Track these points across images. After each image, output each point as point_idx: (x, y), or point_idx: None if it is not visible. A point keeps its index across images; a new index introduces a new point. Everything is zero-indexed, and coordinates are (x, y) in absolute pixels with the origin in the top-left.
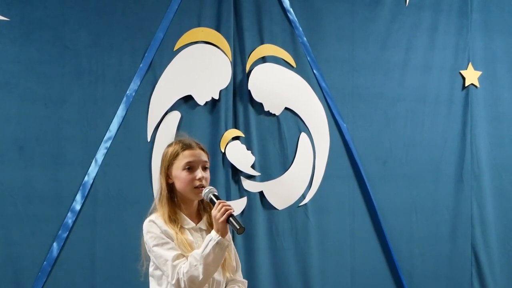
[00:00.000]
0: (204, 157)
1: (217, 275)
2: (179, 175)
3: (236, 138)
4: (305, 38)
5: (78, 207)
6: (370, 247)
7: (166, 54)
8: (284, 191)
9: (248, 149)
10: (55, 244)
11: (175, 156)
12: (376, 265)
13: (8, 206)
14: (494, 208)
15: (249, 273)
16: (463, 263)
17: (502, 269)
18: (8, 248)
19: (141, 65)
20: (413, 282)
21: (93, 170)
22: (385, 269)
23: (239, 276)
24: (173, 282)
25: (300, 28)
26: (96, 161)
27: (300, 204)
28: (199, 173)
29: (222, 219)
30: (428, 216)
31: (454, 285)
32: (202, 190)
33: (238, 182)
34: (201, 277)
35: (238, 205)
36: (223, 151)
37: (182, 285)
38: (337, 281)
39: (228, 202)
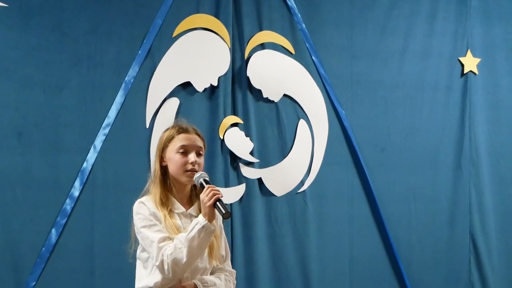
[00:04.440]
0: (200, 143)
1: (201, 263)
2: (173, 157)
3: (234, 124)
4: (304, 25)
5: (76, 193)
6: (369, 234)
7: (165, 40)
8: (282, 177)
9: (246, 136)
10: (53, 230)
11: (170, 139)
12: (375, 252)
13: (6, 193)
14: (492, 195)
15: (248, 259)
16: (461, 250)
17: (500, 256)
18: (6, 235)
19: (139, 52)
20: (411, 269)
21: (91, 156)
22: (383, 256)
23: (228, 265)
24: (157, 263)
25: (299, 15)
26: (94, 147)
27: (298, 191)
28: (193, 157)
29: (209, 203)
30: (427, 203)
31: (452, 272)
32: (193, 174)
33: (236, 169)
34: (184, 260)
35: (236, 192)
36: (221, 137)
37: (166, 267)
38: (335, 267)
39: (227, 189)
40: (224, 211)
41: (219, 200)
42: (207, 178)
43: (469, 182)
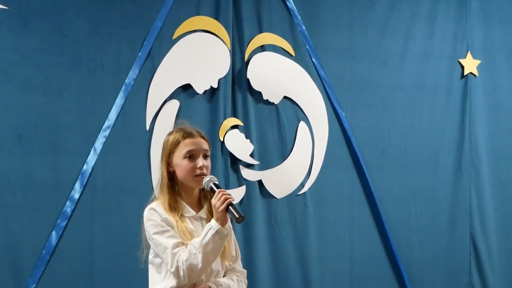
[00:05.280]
0: (205, 145)
1: (215, 265)
2: (180, 163)
3: (235, 126)
4: (304, 27)
5: (76, 195)
6: (369, 235)
7: (165, 42)
8: (283, 179)
9: (247, 138)
10: (53, 233)
11: (176, 144)
12: (375, 253)
13: (7, 195)
14: (492, 197)
15: (248, 261)
16: (462, 252)
17: (501, 257)
18: (7, 237)
19: (139, 54)
20: (411, 271)
21: (91, 158)
22: (384, 258)
23: (239, 265)
24: (173, 270)
25: (299, 17)
26: (95, 149)
27: (299, 193)
28: (200, 161)
29: (221, 208)
30: (427, 205)
31: (452, 274)
32: (203, 178)
33: (237, 171)
34: (200, 265)
35: (237, 194)
36: (222, 139)
37: (182, 273)
38: (335, 269)
39: (227, 191)
40: (237, 216)
41: (231, 204)
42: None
43: (469, 184)
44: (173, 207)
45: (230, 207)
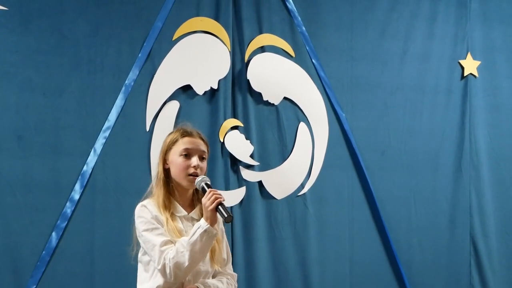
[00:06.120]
0: (203, 147)
1: (203, 266)
2: (175, 160)
3: (235, 127)
4: (304, 28)
5: (77, 196)
6: (369, 237)
7: (165, 43)
8: (283, 180)
9: (247, 139)
10: (53, 234)
11: (174, 142)
12: (375, 255)
13: (6, 196)
14: (492, 198)
15: (248, 262)
16: (462, 253)
17: (501, 258)
18: (7, 238)
19: (139, 55)
20: (411, 272)
21: (91, 160)
22: (384, 259)
23: (229, 269)
24: (159, 267)
25: (299, 18)
26: (95, 150)
27: (299, 194)
28: (195, 161)
29: (211, 207)
30: (427, 206)
31: (452, 275)
32: (195, 178)
33: (237, 172)
34: (186, 263)
35: (237, 195)
36: (222, 140)
37: (168, 270)
38: (336, 270)
39: (227, 192)
40: (226, 215)
41: (221, 204)
42: (208, 182)
43: (470, 185)
44: (165, 204)
45: (219, 206)
